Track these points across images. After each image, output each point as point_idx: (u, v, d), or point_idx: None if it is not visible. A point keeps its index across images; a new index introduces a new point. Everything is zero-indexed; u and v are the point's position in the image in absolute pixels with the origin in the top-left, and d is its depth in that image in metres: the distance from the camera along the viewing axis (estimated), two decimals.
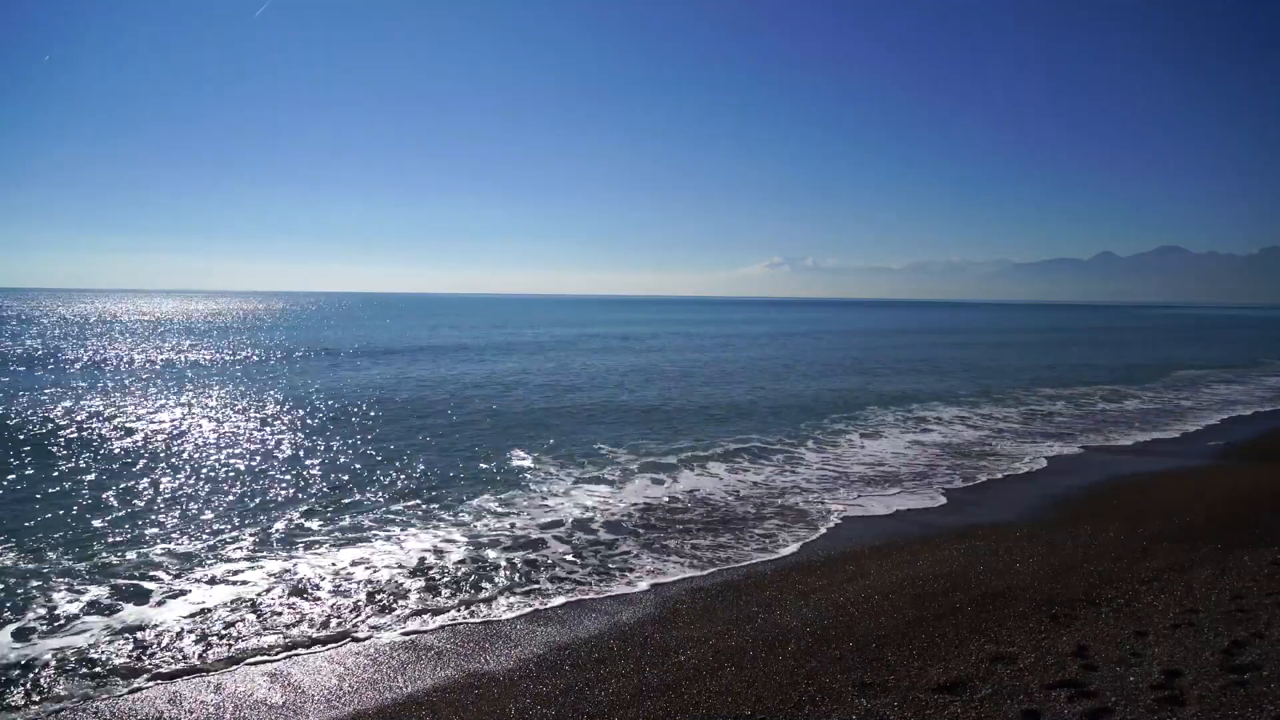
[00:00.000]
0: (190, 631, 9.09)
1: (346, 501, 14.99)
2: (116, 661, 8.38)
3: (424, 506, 14.69)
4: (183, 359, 45.63)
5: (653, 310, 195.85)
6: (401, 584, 10.71)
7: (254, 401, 28.07)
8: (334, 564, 11.49)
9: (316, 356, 47.86)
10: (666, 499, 15.43)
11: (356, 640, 8.97)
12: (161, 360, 44.42)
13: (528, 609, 9.91)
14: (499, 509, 14.56)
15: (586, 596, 10.34)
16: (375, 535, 12.91)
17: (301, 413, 25.50)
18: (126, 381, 33.69)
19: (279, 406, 26.85)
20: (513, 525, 13.60)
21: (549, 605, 10.03)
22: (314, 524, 13.47)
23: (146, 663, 8.36)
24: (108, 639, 8.91)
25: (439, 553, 12.05)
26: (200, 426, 22.75)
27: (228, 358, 46.69)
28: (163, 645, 8.75)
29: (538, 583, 10.83)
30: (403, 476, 17.02)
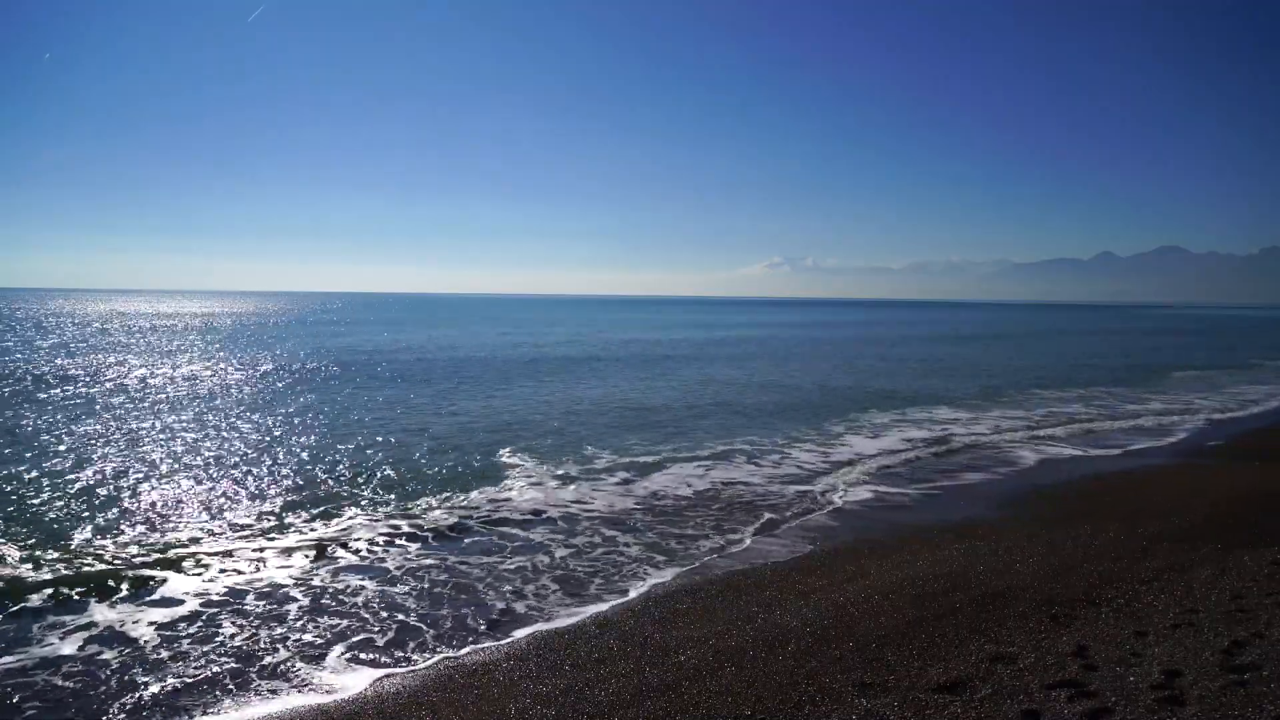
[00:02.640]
0: (173, 630, 9.10)
1: (337, 499, 14.99)
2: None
3: (419, 505, 14.69)
4: (178, 362, 45.62)
5: (652, 310, 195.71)
6: (399, 582, 10.72)
7: (249, 403, 28.07)
8: (328, 561, 11.49)
9: (313, 357, 47.87)
10: (665, 499, 15.43)
11: (352, 639, 8.96)
12: (153, 362, 44.41)
13: (528, 609, 9.91)
14: (497, 508, 14.56)
15: (586, 596, 10.34)
16: (371, 533, 12.91)
17: (291, 406, 25.50)
18: (127, 388, 33.67)
19: (270, 405, 26.85)
20: (512, 525, 13.60)
21: (549, 605, 10.03)
22: (300, 520, 13.48)
23: (121, 674, 8.36)
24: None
25: (436, 553, 12.06)
26: (190, 425, 22.74)
27: (234, 362, 46.67)
28: (141, 648, 8.76)
29: (539, 582, 10.83)
30: (399, 476, 17.03)
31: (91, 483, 15.89)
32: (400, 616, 9.62)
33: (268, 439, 21.01)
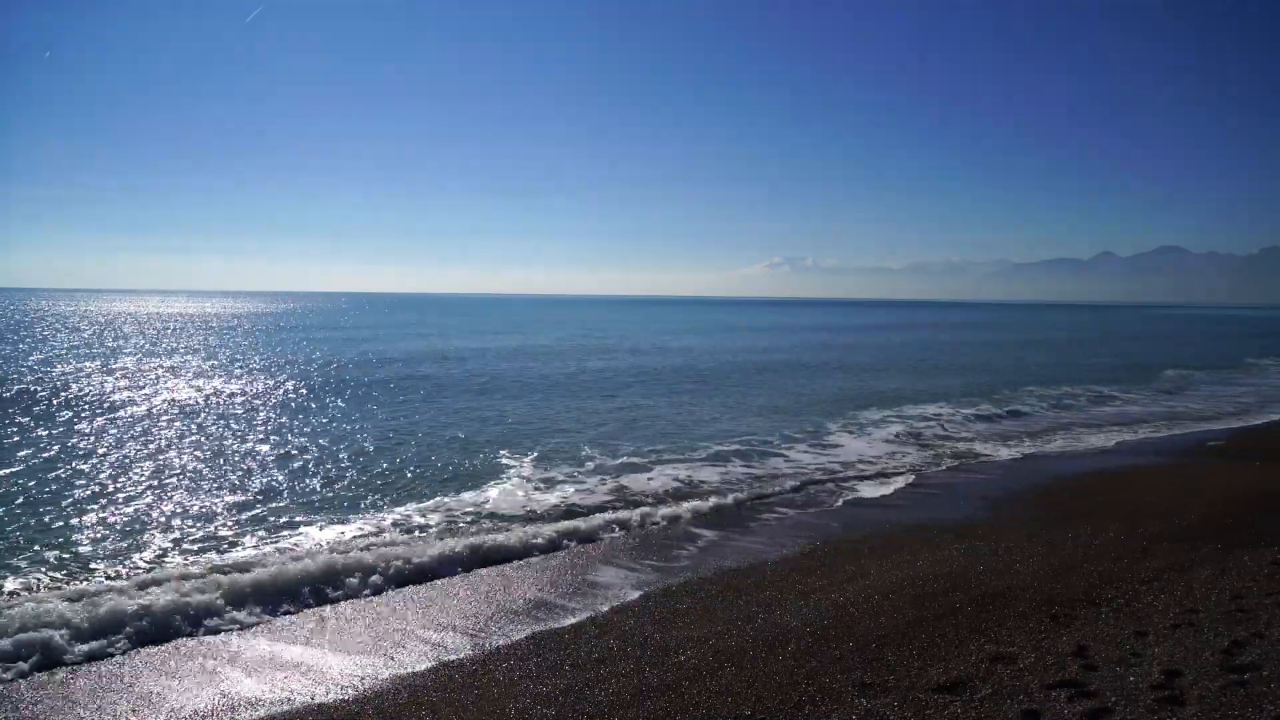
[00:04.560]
0: (163, 616, 9.10)
1: (332, 495, 15.00)
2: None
3: (415, 502, 14.70)
4: (171, 367, 45.60)
5: (653, 310, 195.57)
6: (399, 581, 10.71)
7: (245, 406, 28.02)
8: (323, 558, 11.48)
9: (310, 362, 47.87)
10: (665, 499, 15.43)
11: (352, 640, 8.96)
12: (146, 368, 44.40)
13: (528, 608, 9.90)
14: (494, 506, 14.56)
15: (587, 595, 10.34)
16: (368, 531, 12.92)
17: (283, 392, 25.49)
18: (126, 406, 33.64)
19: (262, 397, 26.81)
20: (511, 523, 13.59)
21: (549, 605, 10.03)
22: (293, 516, 13.48)
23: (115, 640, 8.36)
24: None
25: (429, 553, 12.05)
26: (179, 418, 22.73)
27: (228, 368, 46.66)
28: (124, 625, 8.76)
29: (540, 582, 10.82)
30: (396, 479, 17.03)
31: (57, 495, 15.89)
32: (398, 615, 9.63)
33: (260, 444, 21.01)
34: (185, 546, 12.19)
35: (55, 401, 26.80)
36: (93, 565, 11.25)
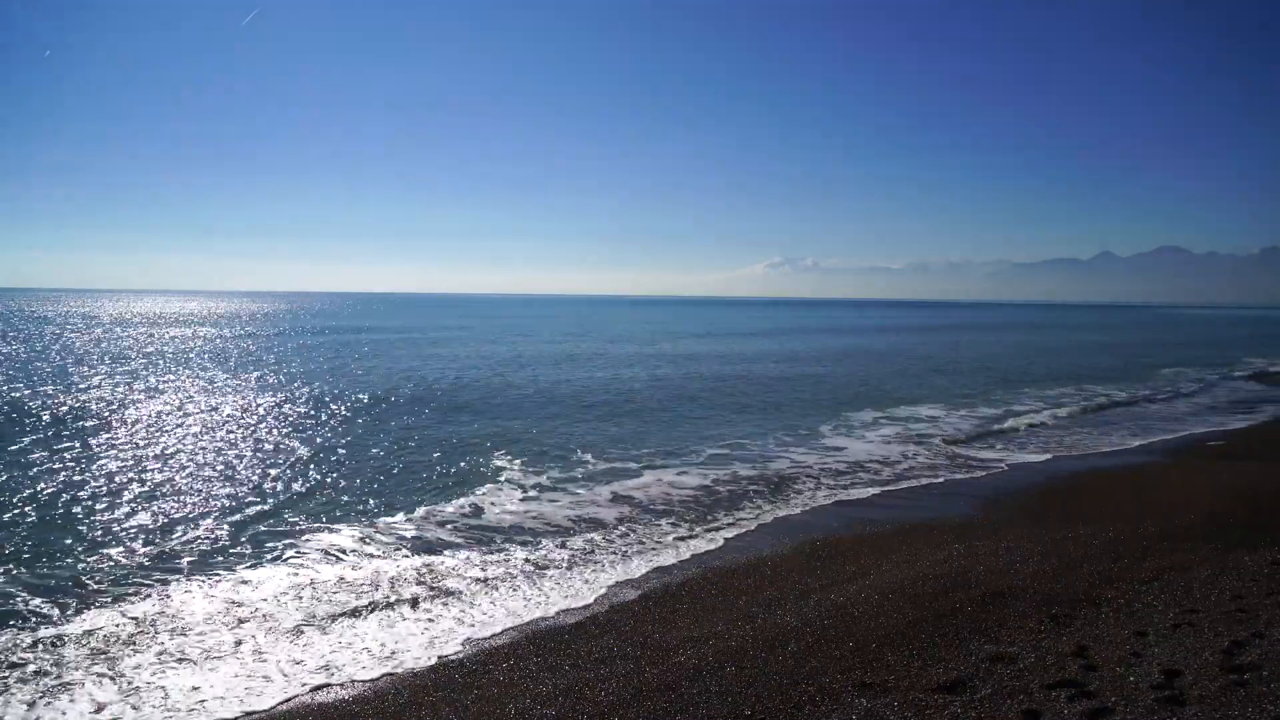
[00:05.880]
0: (165, 633, 9.10)
1: (329, 503, 14.99)
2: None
3: (417, 507, 14.70)
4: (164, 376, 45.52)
5: (654, 311, 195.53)
6: (401, 583, 10.71)
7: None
8: (325, 562, 11.49)
9: (311, 368, 47.83)
10: (665, 501, 15.42)
11: (352, 640, 8.95)
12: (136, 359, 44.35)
13: (528, 609, 9.90)
14: (491, 510, 14.56)
15: (587, 597, 10.34)
16: (371, 535, 12.92)
17: (282, 405, 25.48)
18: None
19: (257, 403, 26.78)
20: (510, 524, 13.60)
21: (548, 605, 10.03)
22: (290, 525, 13.47)
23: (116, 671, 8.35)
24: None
25: (436, 552, 12.05)
26: (176, 424, 22.72)
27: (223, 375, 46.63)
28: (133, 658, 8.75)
29: (539, 584, 10.82)
30: (401, 478, 17.01)
31: (48, 503, 15.87)
32: (400, 618, 9.63)
33: (259, 451, 21.01)
34: (180, 558, 12.20)
35: (69, 413, 26.79)
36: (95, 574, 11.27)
